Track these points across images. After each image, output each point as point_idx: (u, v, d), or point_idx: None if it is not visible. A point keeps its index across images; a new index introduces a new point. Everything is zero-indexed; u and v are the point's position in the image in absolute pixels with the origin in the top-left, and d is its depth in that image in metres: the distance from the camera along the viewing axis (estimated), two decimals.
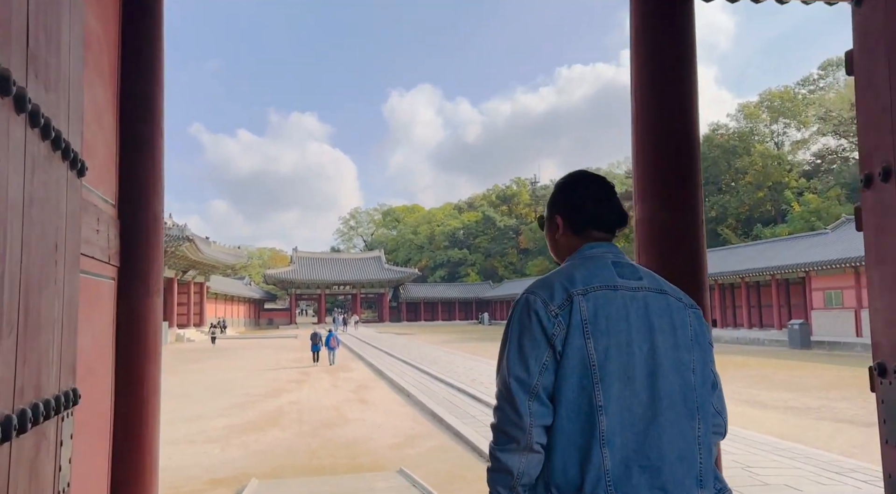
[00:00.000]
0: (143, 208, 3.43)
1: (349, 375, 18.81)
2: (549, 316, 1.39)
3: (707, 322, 3.27)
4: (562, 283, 1.43)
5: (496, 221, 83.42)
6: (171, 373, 20.11)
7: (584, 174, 1.68)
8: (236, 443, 9.04)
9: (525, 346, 1.39)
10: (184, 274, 47.45)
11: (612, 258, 1.51)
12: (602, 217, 1.59)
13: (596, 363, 1.35)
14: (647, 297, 1.44)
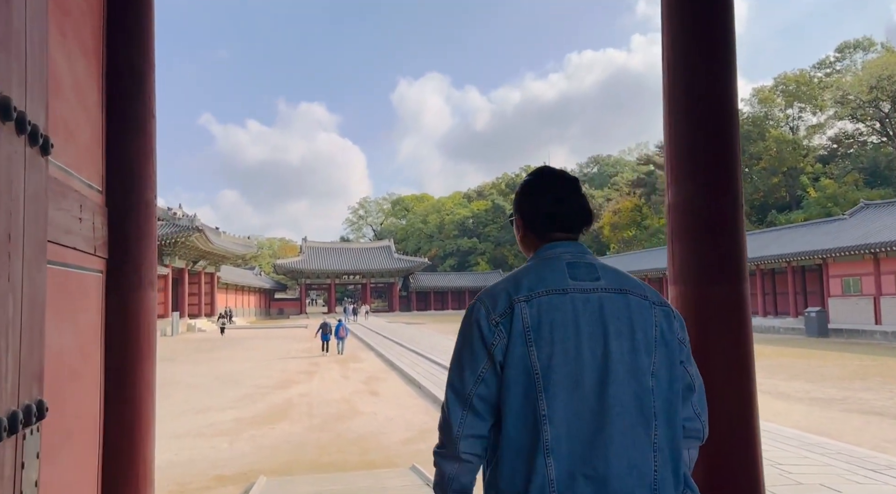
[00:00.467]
0: (133, 194, 3.16)
1: (359, 366, 18.62)
2: (489, 325, 1.37)
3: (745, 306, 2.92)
4: (506, 290, 1.41)
5: (506, 210, 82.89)
6: (182, 363, 20.04)
7: (543, 172, 1.63)
8: (245, 437, 8.84)
9: (463, 356, 1.40)
10: (194, 264, 47.51)
11: (570, 258, 1.46)
12: (559, 216, 1.54)
13: (539, 371, 1.32)
14: (602, 299, 1.39)
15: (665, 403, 1.36)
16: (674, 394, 1.38)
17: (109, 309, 3.00)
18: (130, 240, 3.12)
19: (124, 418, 3.00)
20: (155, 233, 3.31)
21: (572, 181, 1.59)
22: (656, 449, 1.33)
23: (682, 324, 1.50)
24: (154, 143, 3.36)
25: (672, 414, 1.37)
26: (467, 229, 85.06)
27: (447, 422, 1.40)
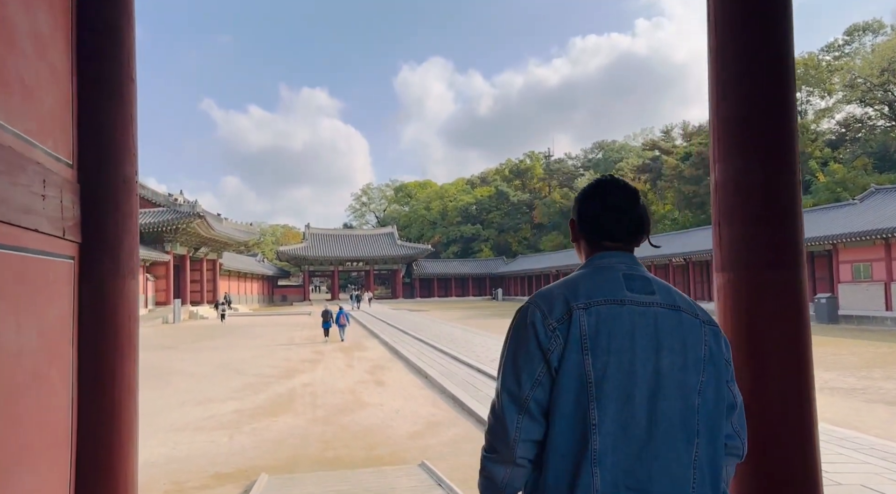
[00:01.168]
0: (110, 169, 2.77)
1: (364, 354, 18.31)
2: (546, 329, 1.37)
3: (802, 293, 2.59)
4: (563, 295, 1.41)
5: (509, 196, 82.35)
6: (183, 352, 19.76)
7: (603, 181, 1.60)
8: (246, 430, 8.51)
9: (519, 359, 1.39)
10: (196, 251, 47.22)
11: (625, 270, 1.46)
12: (613, 226, 1.53)
13: (593, 380, 1.33)
14: (657, 313, 1.40)
15: (709, 421, 1.38)
16: (718, 413, 1.40)
17: (83, 300, 2.63)
18: (107, 222, 2.73)
19: (101, 428, 2.63)
20: (136, 214, 2.92)
21: (631, 191, 1.56)
22: (696, 467, 1.34)
23: (728, 345, 1.50)
24: (134, 111, 2.96)
25: (715, 433, 1.39)
26: (471, 216, 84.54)
27: (503, 427, 1.38)
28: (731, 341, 2.86)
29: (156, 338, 25.50)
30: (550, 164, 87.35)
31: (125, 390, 2.75)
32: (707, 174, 50.05)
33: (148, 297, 40.96)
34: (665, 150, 61.48)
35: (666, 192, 58.11)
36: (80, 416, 2.57)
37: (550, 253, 70.07)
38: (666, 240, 47.12)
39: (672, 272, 43.35)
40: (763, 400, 2.70)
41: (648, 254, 44.63)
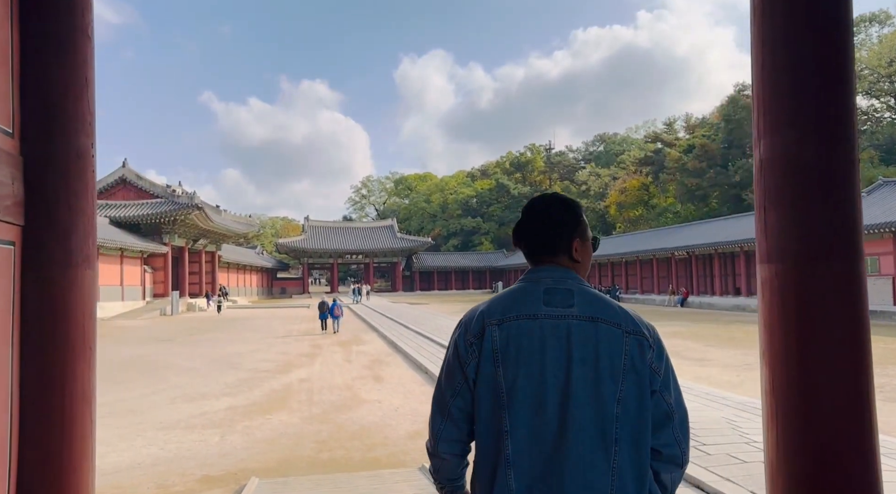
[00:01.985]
0: (60, 140, 2.37)
1: (363, 348, 17.94)
2: (465, 345, 1.50)
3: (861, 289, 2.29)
4: (482, 313, 1.52)
5: (510, 189, 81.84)
6: (179, 345, 19.41)
7: (537, 199, 1.66)
8: (239, 429, 8.14)
9: (444, 371, 1.56)
10: (194, 242, 46.84)
11: (550, 284, 1.52)
12: (535, 239, 1.60)
13: (504, 390, 1.43)
14: (570, 325, 1.45)
15: (631, 429, 1.42)
16: (642, 422, 1.44)
17: (26, 293, 2.24)
18: (57, 202, 2.33)
19: (48, 441, 2.24)
20: (93, 193, 2.52)
21: (554, 202, 1.61)
22: (615, 474, 1.40)
23: (660, 353, 1.50)
24: (91, 74, 2.57)
25: (640, 441, 1.43)
26: (471, 208, 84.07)
27: (430, 427, 1.58)
28: (778, 342, 2.48)
29: (152, 331, 25.16)
30: (551, 157, 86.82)
31: (78, 397, 2.36)
32: (710, 167, 49.68)
33: (146, 289, 40.62)
34: (668, 143, 60.99)
35: (668, 185, 57.63)
36: (22, 428, 2.19)
37: None
38: (668, 233, 46.72)
39: (675, 266, 42.96)
40: (817, 410, 2.33)
41: (650, 248, 44.25)
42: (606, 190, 67.56)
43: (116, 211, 40.48)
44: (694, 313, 32.72)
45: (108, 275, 35.52)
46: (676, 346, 16.93)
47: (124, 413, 9.20)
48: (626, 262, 49.48)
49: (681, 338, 19.07)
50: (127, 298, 37.55)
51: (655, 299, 43.87)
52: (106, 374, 13.26)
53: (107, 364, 15.05)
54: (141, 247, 38.47)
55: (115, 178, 43.66)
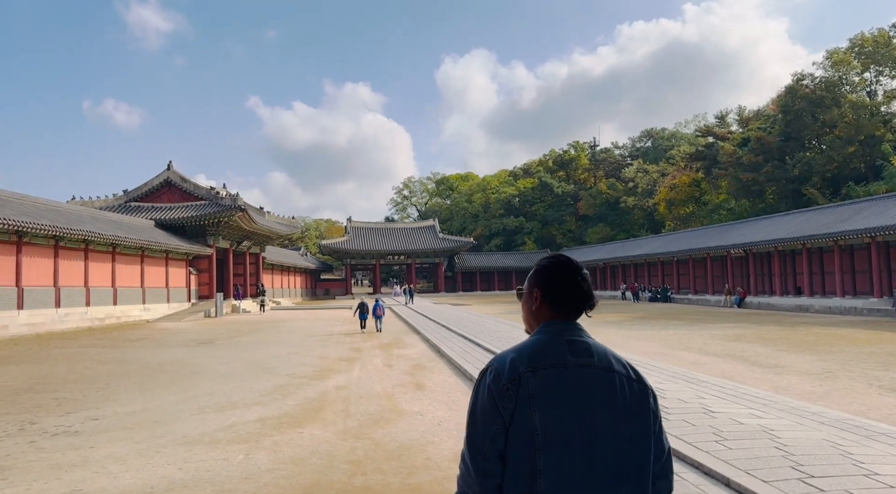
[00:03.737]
0: None
1: (404, 352, 17.13)
2: (500, 389, 1.62)
3: None
4: (514, 360, 1.66)
5: (553, 187, 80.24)
6: (219, 348, 18.99)
7: (560, 258, 1.88)
8: (266, 445, 7.37)
9: (478, 414, 1.65)
10: (238, 244, 47.02)
11: (569, 336, 1.73)
12: (568, 298, 1.80)
13: (539, 432, 1.58)
14: (595, 374, 1.66)
15: (637, 466, 1.64)
16: (645, 460, 1.66)
17: None
18: None
19: None
20: None
21: (579, 267, 1.85)
22: None
23: (656, 398, 1.75)
24: None
25: (643, 476, 1.65)
26: (513, 208, 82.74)
27: (469, 474, 1.64)
28: None
29: (194, 333, 24.96)
30: (596, 154, 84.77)
31: None
32: (766, 161, 47.36)
33: (191, 291, 40.85)
34: (720, 137, 58.51)
35: (720, 181, 55.23)
36: None
37: (597, 245, 67.86)
38: (723, 230, 44.60)
39: (730, 264, 40.90)
40: None
41: (704, 246, 42.27)
42: (655, 186, 65.34)
43: (161, 213, 40.85)
44: (753, 314, 30.87)
45: (154, 277, 35.76)
46: (744, 351, 15.56)
47: (148, 425, 8.56)
48: (678, 261, 47.50)
49: (746, 342, 17.63)
50: (172, 300, 37.77)
51: (710, 299, 41.88)
52: (138, 380, 12.79)
53: (142, 368, 14.63)
54: (186, 249, 38.67)
55: (160, 181, 44.14)
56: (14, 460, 6.81)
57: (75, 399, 10.61)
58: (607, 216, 72.05)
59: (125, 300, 32.16)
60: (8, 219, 22.12)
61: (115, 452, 7.11)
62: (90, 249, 29.21)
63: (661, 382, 10.08)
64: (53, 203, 30.93)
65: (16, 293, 23.96)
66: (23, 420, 8.88)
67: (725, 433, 6.84)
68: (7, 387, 11.83)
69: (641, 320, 27.55)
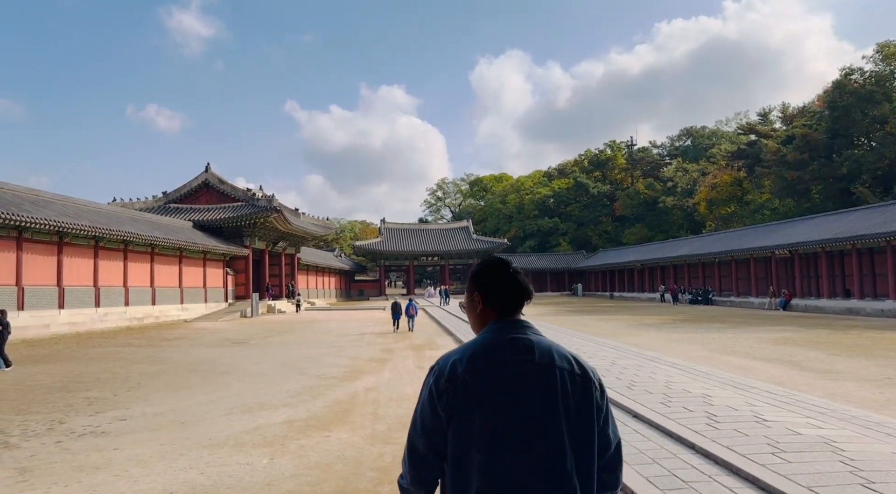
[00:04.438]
0: None
1: (437, 353, 16.79)
2: (440, 389, 1.68)
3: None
4: (455, 361, 1.72)
5: (589, 188, 79.04)
6: (252, 348, 18.97)
7: (493, 260, 1.96)
8: (292, 449, 7.10)
9: (419, 411, 1.74)
10: (274, 245, 47.42)
11: (512, 334, 1.78)
12: (506, 296, 1.87)
13: (478, 429, 1.64)
14: (534, 371, 1.70)
15: (581, 458, 1.68)
16: (590, 452, 1.70)
17: None
18: None
19: None
20: None
21: (511, 266, 1.93)
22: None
23: (602, 391, 1.79)
24: None
25: (588, 468, 1.69)
26: (548, 208, 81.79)
27: (409, 466, 1.74)
28: None
29: (230, 333, 25.09)
30: (633, 154, 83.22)
31: None
32: (812, 158, 45.68)
33: (228, 291, 41.32)
34: (763, 134, 56.72)
35: (763, 180, 53.50)
36: None
37: (634, 246, 66.51)
38: (767, 231, 43.12)
39: (774, 266, 39.49)
40: None
41: (747, 247, 40.91)
42: (695, 186, 63.74)
43: (200, 215, 41.43)
44: (800, 317, 29.65)
45: (192, 278, 36.24)
46: (793, 355, 14.78)
47: (174, 426, 8.39)
48: (720, 263, 46.14)
49: (795, 346, 16.79)
50: (210, 300, 38.22)
51: (753, 302, 40.51)
52: (170, 379, 12.73)
53: (174, 368, 14.62)
54: (223, 250, 39.11)
55: (198, 183, 44.81)
56: (38, 461, 6.69)
57: (106, 398, 10.56)
58: (645, 216, 70.57)
59: (164, 300, 32.63)
60: (49, 219, 22.56)
61: (138, 454, 6.94)
62: (129, 250, 29.69)
63: (707, 388, 9.52)
64: (94, 204, 31.57)
65: (57, 293, 24.45)
66: (52, 420, 8.82)
67: (782, 444, 6.30)
68: (42, 386, 11.89)
69: (682, 322, 26.69)
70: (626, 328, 24.03)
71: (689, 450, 6.42)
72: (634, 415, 7.92)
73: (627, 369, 11.58)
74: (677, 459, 6.12)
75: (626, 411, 8.20)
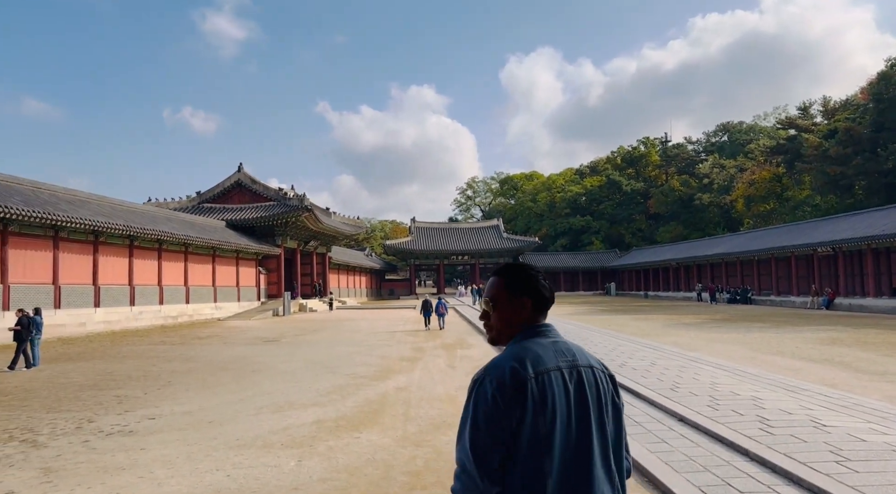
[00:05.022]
0: None
1: (467, 353, 16.46)
2: (505, 397, 1.67)
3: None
4: (515, 367, 1.71)
5: (622, 185, 77.77)
6: (283, 346, 18.90)
7: (527, 265, 1.97)
8: (321, 451, 6.85)
9: (482, 424, 1.67)
10: (306, 244, 47.65)
11: (553, 338, 1.85)
12: (548, 301, 1.93)
13: (545, 435, 1.67)
14: (579, 372, 1.78)
15: (616, 449, 1.80)
16: (620, 441, 1.83)
17: None
18: None
19: None
20: None
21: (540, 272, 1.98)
22: (614, 485, 1.77)
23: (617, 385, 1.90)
24: None
25: (620, 457, 1.82)
26: (580, 207, 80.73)
27: (475, 485, 1.67)
28: None
29: (262, 331, 25.15)
30: (668, 150, 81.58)
31: None
32: (856, 153, 44.04)
33: (260, 290, 41.63)
34: (804, 129, 54.92)
35: (804, 175, 51.83)
36: None
37: (669, 244, 65.13)
38: (808, 228, 41.70)
39: (817, 264, 38.11)
40: None
41: (787, 245, 39.62)
42: (732, 182, 62.16)
43: (232, 214, 41.81)
44: (844, 316, 28.50)
45: (225, 276, 36.56)
46: (843, 356, 14.06)
47: (202, 426, 8.23)
48: (759, 261, 44.79)
49: (844, 346, 16.00)
50: (243, 299, 38.53)
51: (795, 301, 39.19)
52: (200, 378, 12.66)
53: (206, 366, 14.58)
54: (255, 249, 39.40)
55: (231, 182, 45.25)
56: (64, 461, 6.56)
57: (136, 396, 10.49)
58: (680, 214, 69.10)
59: (197, 298, 32.95)
60: (84, 218, 22.88)
61: (165, 455, 6.76)
62: (164, 249, 30.03)
63: (757, 390, 9.00)
64: (129, 204, 32.03)
65: (93, 291, 24.81)
66: (81, 418, 8.74)
67: (846, 452, 5.81)
68: (74, 384, 11.91)
69: (722, 322, 25.85)
70: (662, 327, 23.34)
71: (742, 457, 5.97)
72: (680, 419, 7.48)
73: (669, 370, 11.08)
74: (731, 467, 5.68)
75: (671, 414, 7.75)
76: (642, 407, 8.31)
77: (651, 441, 6.60)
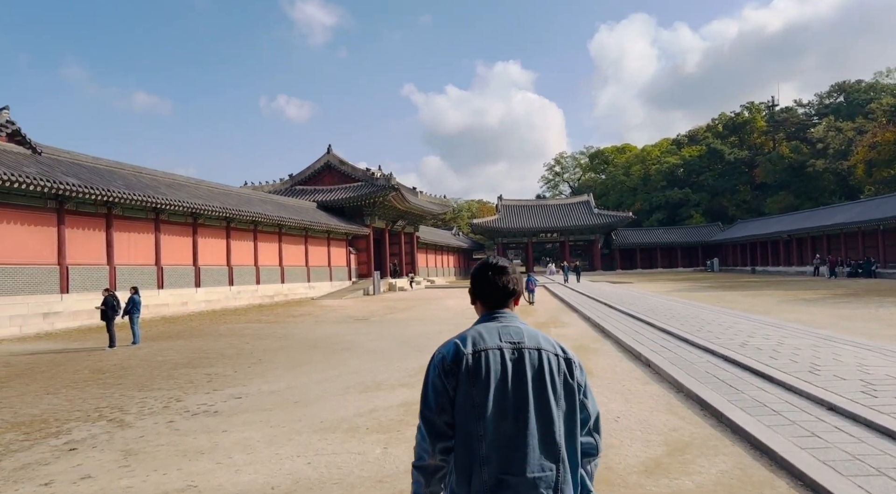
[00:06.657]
0: None
1: (562, 331, 15.50)
2: (446, 369, 1.92)
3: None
4: (457, 345, 1.96)
5: (724, 154, 72.91)
6: (372, 324, 18.70)
7: (485, 262, 2.21)
8: (408, 437, 6.22)
9: (430, 389, 1.95)
10: (393, 224, 47.81)
11: (504, 322, 2.04)
12: (491, 294, 2.12)
13: (478, 404, 1.87)
14: (524, 353, 1.95)
15: (567, 429, 1.93)
16: (573, 423, 1.95)
17: None
18: None
19: None
20: None
21: (499, 268, 2.15)
22: (560, 462, 1.89)
23: (582, 369, 2.04)
24: None
25: (572, 438, 1.94)
26: (677, 179, 76.52)
27: (424, 441, 1.93)
28: None
29: (353, 310, 25.21)
30: (775, 115, 75.53)
31: None
32: None
33: (351, 269, 42.18)
34: None
35: None
36: None
37: (777, 216, 60.47)
38: None
39: None
40: None
41: None
42: (850, 147, 56.65)
43: (322, 195, 42.46)
44: None
45: (317, 256, 37.20)
46: None
47: (288, 406, 7.85)
48: (884, 230, 40.51)
49: None
50: (334, 278, 39.14)
51: None
52: (290, 356, 12.49)
53: (297, 344, 14.48)
54: (345, 229, 39.84)
55: (321, 164, 45.98)
56: (145, 443, 6.30)
57: (226, 375, 10.36)
58: (790, 183, 63.93)
59: (292, 278, 33.68)
60: (183, 200, 23.62)
61: (246, 438, 6.36)
62: (259, 230, 30.77)
63: None
64: (225, 187, 33.04)
65: (193, 272, 25.71)
66: (170, 397, 8.61)
67: None
68: (168, 362, 12.02)
69: (847, 297, 23.31)
70: (778, 304, 21.27)
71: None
72: (830, 408, 6.26)
73: (801, 349, 9.68)
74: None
75: (817, 402, 6.53)
76: (778, 392, 7.11)
77: (798, 434, 5.49)
